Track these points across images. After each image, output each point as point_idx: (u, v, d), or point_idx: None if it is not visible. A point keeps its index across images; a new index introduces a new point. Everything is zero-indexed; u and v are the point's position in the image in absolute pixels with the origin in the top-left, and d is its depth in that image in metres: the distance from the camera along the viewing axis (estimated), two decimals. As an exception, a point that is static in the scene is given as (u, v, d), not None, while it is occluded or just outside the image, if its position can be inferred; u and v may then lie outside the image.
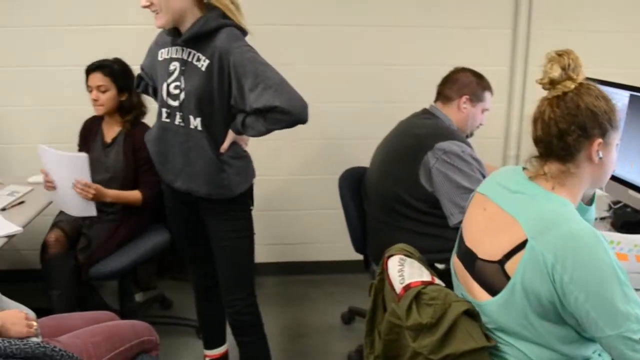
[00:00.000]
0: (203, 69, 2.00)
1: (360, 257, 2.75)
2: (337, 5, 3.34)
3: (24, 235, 2.41)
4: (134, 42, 3.13)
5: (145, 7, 1.97)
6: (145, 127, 2.73)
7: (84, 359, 1.70)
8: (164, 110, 2.12)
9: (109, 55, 2.79)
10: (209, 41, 2.00)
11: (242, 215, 2.25)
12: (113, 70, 2.71)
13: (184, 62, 2.05)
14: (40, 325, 1.76)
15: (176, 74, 2.07)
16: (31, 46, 3.24)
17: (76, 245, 2.68)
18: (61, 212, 2.77)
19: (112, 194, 2.68)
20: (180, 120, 2.08)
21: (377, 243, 2.48)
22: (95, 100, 2.72)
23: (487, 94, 2.44)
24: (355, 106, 3.48)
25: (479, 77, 2.44)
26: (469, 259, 1.49)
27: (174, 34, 2.07)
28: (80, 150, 2.88)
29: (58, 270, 2.57)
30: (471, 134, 2.51)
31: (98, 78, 2.70)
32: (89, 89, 2.73)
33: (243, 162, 2.20)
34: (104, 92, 2.70)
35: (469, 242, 1.51)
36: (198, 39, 2.00)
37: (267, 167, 2.31)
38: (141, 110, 2.80)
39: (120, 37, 3.22)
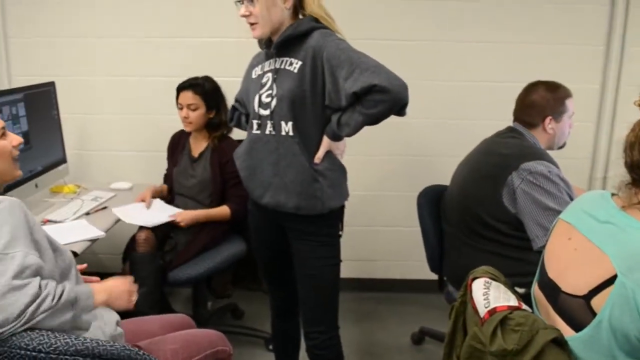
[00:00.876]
0: (295, 71, 1.98)
1: (433, 276, 2.68)
2: (421, 22, 3.31)
3: (103, 240, 2.47)
4: (218, 55, 3.25)
5: (243, 16, 1.98)
6: (232, 142, 2.79)
7: (162, 365, 1.71)
8: (254, 122, 2.09)
9: (192, 67, 2.86)
10: (301, 44, 1.99)
11: (330, 241, 2.14)
12: (204, 89, 2.77)
13: (276, 71, 2.04)
14: (124, 329, 1.80)
15: (269, 83, 2.05)
16: (118, 56, 3.37)
17: (163, 246, 2.74)
18: None
19: (203, 214, 2.76)
20: (271, 129, 2.03)
21: (455, 264, 2.41)
22: (185, 118, 2.79)
23: (567, 103, 2.33)
24: (437, 123, 3.43)
25: (552, 90, 2.32)
26: (552, 291, 1.40)
27: (267, 46, 2.08)
28: (169, 164, 2.97)
29: (145, 269, 2.60)
30: (564, 145, 2.41)
31: (189, 96, 2.77)
32: (179, 106, 2.80)
33: (337, 174, 2.10)
34: (194, 110, 2.77)
35: (552, 274, 1.43)
36: (290, 43, 2.00)
37: (349, 180, 2.27)
38: (228, 127, 2.82)
39: (205, 49, 3.29)
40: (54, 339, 1.38)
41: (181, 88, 2.80)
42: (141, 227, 2.72)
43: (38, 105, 2.77)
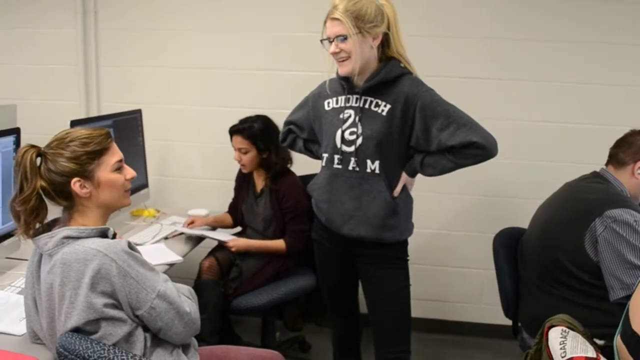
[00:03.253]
0: (384, 113, 2.08)
1: (505, 321, 2.59)
2: (500, 60, 3.27)
3: (180, 265, 2.54)
4: (296, 88, 3.32)
5: (334, 53, 2.04)
6: (291, 177, 2.85)
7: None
8: (335, 157, 2.16)
9: (264, 99, 2.90)
10: (390, 87, 2.08)
11: (403, 265, 2.24)
12: (252, 132, 2.80)
13: (359, 110, 2.12)
14: (208, 353, 1.86)
15: (351, 120, 2.13)
16: (200, 87, 3.49)
17: (228, 274, 2.79)
18: (218, 245, 2.90)
19: (257, 244, 2.81)
20: (355, 165, 2.12)
21: (531, 310, 2.32)
22: (239, 161, 2.86)
23: None
24: (514, 164, 3.33)
25: None
26: (636, 345, 1.33)
27: (347, 84, 2.14)
28: (236, 195, 3.06)
29: (207, 295, 2.65)
30: None
31: (238, 141, 2.83)
32: (234, 148, 2.86)
33: (410, 206, 2.25)
34: (244, 153, 2.82)
35: (637, 327, 1.35)
36: (379, 86, 2.08)
37: (419, 218, 2.28)
38: (283, 164, 2.85)
39: (286, 83, 3.37)
40: (113, 355, 1.45)
41: (231, 132, 2.85)
42: (207, 255, 2.81)
43: (126, 131, 2.90)
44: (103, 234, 1.61)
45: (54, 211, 1.66)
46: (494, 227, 2.66)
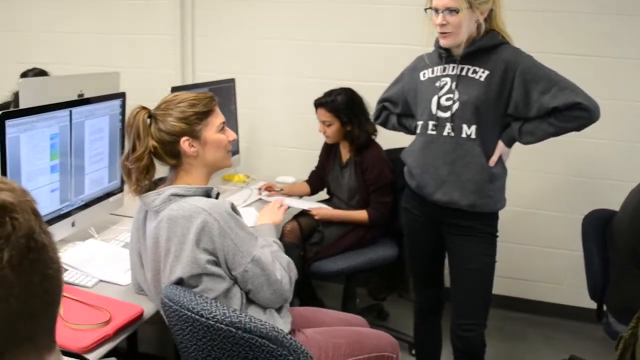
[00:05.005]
0: (482, 79, 2.10)
1: (588, 304, 2.55)
2: (604, 37, 3.14)
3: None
4: (384, 60, 3.33)
5: (440, 25, 2.06)
6: (375, 150, 2.87)
7: (321, 356, 1.79)
8: (430, 123, 2.19)
9: (354, 71, 2.92)
10: (489, 54, 2.10)
11: (492, 240, 2.24)
12: (336, 105, 2.83)
13: (456, 77, 2.14)
14: (297, 314, 1.95)
15: (447, 87, 2.16)
16: (291, 58, 3.56)
17: (309, 239, 2.88)
18: (302, 211, 2.98)
19: (340, 214, 2.87)
20: (450, 131, 2.14)
21: (619, 294, 2.28)
22: (323, 132, 2.91)
23: None
24: (612, 145, 3.22)
25: None
26: None
27: (445, 52, 2.17)
28: (319, 163, 3.12)
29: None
30: None
31: (322, 113, 2.88)
32: (319, 120, 2.91)
33: (505, 178, 2.24)
34: (328, 126, 2.87)
35: None
36: (476, 54, 2.10)
37: (507, 194, 2.27)
38: (367, 137, 2.87)
39: (372, 55, 3.39)
40: (214, 308, 1.53)
41: (316, 105, 2.90)
42: (291, 219, 2.89)
43: (220, 99, 2.98)
44: (207, 194, 1.71)
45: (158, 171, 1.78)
46: (582, 208, 2.61)
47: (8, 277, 0.65)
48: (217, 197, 1.75)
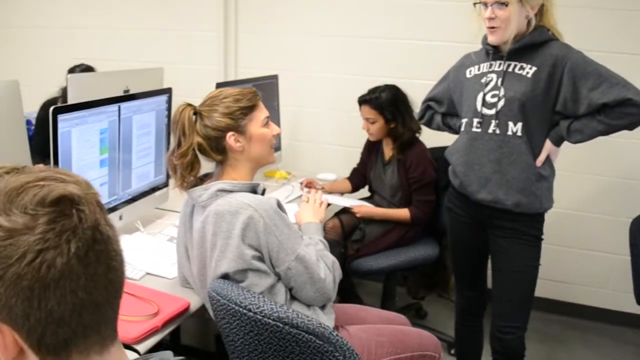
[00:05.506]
0: (529, 75, 2.05)
1: (633, 310, 2.50)
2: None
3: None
4: (424, 57, 3.30)
5: (489, 18, 2.04)
6: (419, 148, 2.85)
7: (364, 353, 1.79)
8: (475, 120, 2.16)
9: (398, 68, 2.91)
10: (537, 51, 2.06)
11: (536, 243, 2.20)
12: (380, 102, 2.81)
13: (502, 73, 2.11)
14: (339, 311, 1.95)
15: (492, 84, 2.13)
16: (332, 54, 3.56)
17: (350, 237, 2.88)
18: (343, 209, 3.00)
19: (381, 212, 2.86)
20: (495, 128, 2.11)
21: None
22: (366, 130, 2.90)
23: None
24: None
25: None
26: None
27: (492, 48, 2.14)
28: (361, 160, 3.11)
29: None
30: None
31: (366, 110, 2.86)
32: (362, 117, 2.90)
33: (552, 178, 2.19)
34: (372, 123, 2.86)
35: None
36: (524, 50, 2.06)
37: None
38: (411, 135, 2.85)
39: (413, 52, 3.36)
40: (262, 303, 1.53)
41: (360, 102, 2.88)
42: (332, 216, 2.91)
43: (263, 95, 3.02)
44: (253, 190, 1.73)
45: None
46: (629, 212, 2.56)
47: (75, 269, 0.67)
48: (263, 194, 1.77)
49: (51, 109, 1.82)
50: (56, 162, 1.86)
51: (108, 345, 0.74)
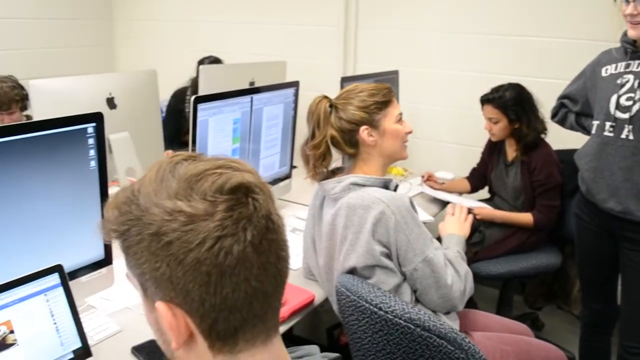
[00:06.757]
0: None
1: None
2: None
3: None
4: (547, 54, 3.14)
5: (630, 15, 1.91)
6: (544, 150, 2.71)
7: (488, 362, 1.74)
8: (607, 124, 2.04)
9: (523, 66, 2.77)
10: None
11: None
12: (503, 102, 2.69)
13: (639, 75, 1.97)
14: (462, 315, 1.92)
15: (629, 85, 1.99)
16: (453, 52, 3.46)
17: (469, 239, 2.80)
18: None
19: (502, 215, 2.76)
20: (629, 133, 1.98)
21: None
22: (488, 130, 2.79)
23: None
24: None
25: None
26: None
27: (631, 47, 2.00)
28: (482, 160, 3.02)
29: None
30: None
31: (489, 110, 2.75)
32: (485, 117, 2.79)
33: None
34: (495, 123, 2.74)
35: None
36: None
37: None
38: (536, 136, 2.71)
39: (532, 49, 3.21)
40: (393, 302, 1.51)
41: (482, 101, 2.78)
42: None
43: (384, 91, 3.02)
44: (386, 185, 1.71)
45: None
46: None
47: (249, 257, 0.67)
48: (395, 190, 1.74)
49: (192, 98, 1.89)
50: (194, 150, 1.92)
51: (272, 336, 0.74)
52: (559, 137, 2.67)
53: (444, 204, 2.87)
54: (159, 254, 0.66)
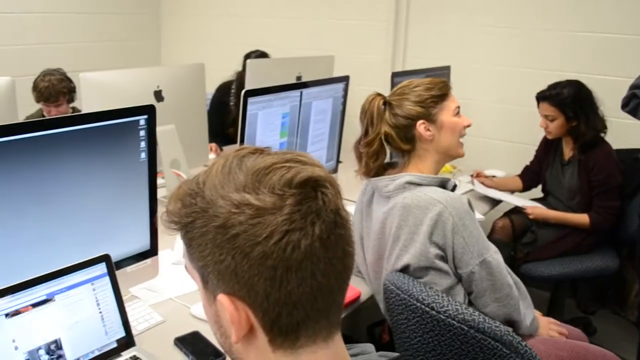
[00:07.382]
0: None
1: None
2: None
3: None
4: (604, 51, 3.02)
5: None
6: (604, 149, 2.62)
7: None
8: None
9: (580, 62, 2.68)
10: None
11: None
12: (561, 99, 2.61)
13: None
14: None
15: None
16: (500, 45, 3.37)
17: (520, 239, 2.72)
18: (515, 208, 2.85)
19: (557, 215, 2.68)
20: None
21: None
22: (544, 127, 2.71)
23: None
24: None
25: None
26: None
27: None
28: (536, 158, 2.93)
29: None
30: None
31: (545, 107, 2.67)
32: (540, 114, 2.71)
33: None
34: (551, 120, 2.66)
35: None
36: None
37: None
38: (594, 134, 2.61)
39: (592, 45, 3.09)
40: (446, 302, 1.47)
41: (539, 98, 2.70)
42: (503, 215, 2.79)
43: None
44: (443, 185, 1.66)
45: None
46: None
47: (317, 251, 0.66)
48: (453, 190, 1.69)
49: (243, 92, 1.87)
50: (242, 142, 1.91)
51: (333, 333, 0.72)
52: (619, 136, 2.56)
53: (495, 202, 2.79)
54: (225, 247, 0.65)
